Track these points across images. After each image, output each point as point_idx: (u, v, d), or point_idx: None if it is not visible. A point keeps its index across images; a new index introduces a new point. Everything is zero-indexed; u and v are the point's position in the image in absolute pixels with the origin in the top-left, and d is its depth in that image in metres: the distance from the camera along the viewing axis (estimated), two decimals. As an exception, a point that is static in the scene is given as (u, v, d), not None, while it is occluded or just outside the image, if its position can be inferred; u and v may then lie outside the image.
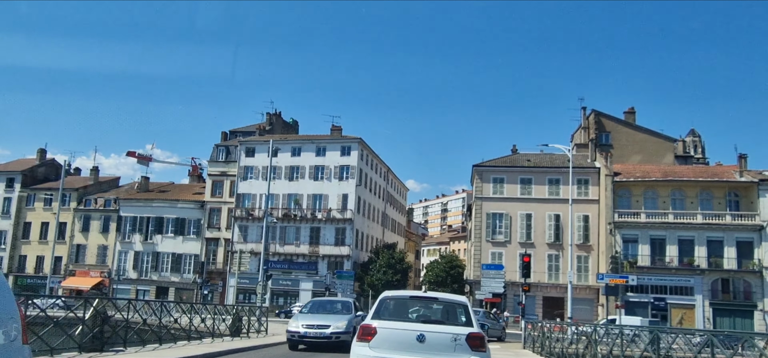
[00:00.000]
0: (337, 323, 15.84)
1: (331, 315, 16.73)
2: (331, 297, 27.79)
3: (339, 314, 16.81)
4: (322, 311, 17.27)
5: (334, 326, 15.75)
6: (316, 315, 16.74)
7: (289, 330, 16.15)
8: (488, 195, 53.60)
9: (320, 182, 57.13)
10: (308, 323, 16.00)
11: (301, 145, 58.84)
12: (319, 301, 19.32)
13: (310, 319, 16.33)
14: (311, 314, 17.01)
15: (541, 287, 51.31)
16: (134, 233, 62.48)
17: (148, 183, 67.70)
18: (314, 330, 15.67)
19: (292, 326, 16.15)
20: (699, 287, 45.43)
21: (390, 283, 53.51)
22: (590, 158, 54.19)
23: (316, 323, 15.86)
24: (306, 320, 16.24)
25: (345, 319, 16.24)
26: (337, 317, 16.39)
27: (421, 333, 7.31)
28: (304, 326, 15.86)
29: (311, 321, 16.08)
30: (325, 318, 16.29)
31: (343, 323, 15.92)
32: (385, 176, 68.20)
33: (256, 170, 59.18)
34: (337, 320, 16.16)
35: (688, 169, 50.73)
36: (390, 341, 7.33)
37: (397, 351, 7.23)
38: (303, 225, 56.75)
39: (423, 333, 7.32)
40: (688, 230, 46.30)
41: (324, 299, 22.44)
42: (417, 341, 7.26)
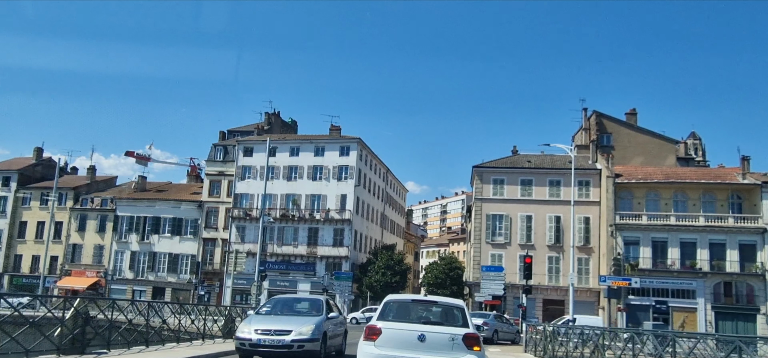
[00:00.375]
0: (301, 328, 12.22)
1: (296, 317, 13.20)
2: (300, 294, 24.06)
3: (305, 316, 13.29)
4: (285, 312, 13.61)
5: (297, 331, 12.10)
6: (275, 317, 13.10)
7: (239, 337, 12.44)
8: (488, 196, 53.06)
9: (319, 183, 56.60)
10: (264, 327, 12.33)
11: (300, 145, 58.32)
12: (283, 299, 15.08)
13: (266, 322, 12.63)
14: (269, 316, 13.33)
15: (541, 290, 50.75)
16: (131, 232, 61.93)
17: (145, 183, 67.15)
18: (271, 337, 12.03)
19: (243, 332, 12.41)
20: (701, 290, 44.90)
21: (389, 284, 52.96)
22: (591, 160, 53.68)
23: (273, 328, 12.22)
24: (261, 323, 12.57)
25: (312, 322, 12.59)
26: (301, 321, 12.76)
27: (421, 333, 8.15)
28: (259, 332, 12.17)
29: (268, 325, 12.40)
30: (286, 321, 12.65)
31: (308, 327, 12.30)
32: (384, 177, 67.68)
33: (254, 170, 58.63)
34: (302, 323, 12.52)
35: (691, 172, 50.22)
36: (394, 340, 8.19)
37: (400, 349, 8.08)
38: (301, 226, 56.21)
39: (423, 333, 8.16)
40: (690, 232, 45.77)
41: (289, 296, 17.68)
42: (418, 341, 8.11)
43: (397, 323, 8.39)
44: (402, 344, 8.10)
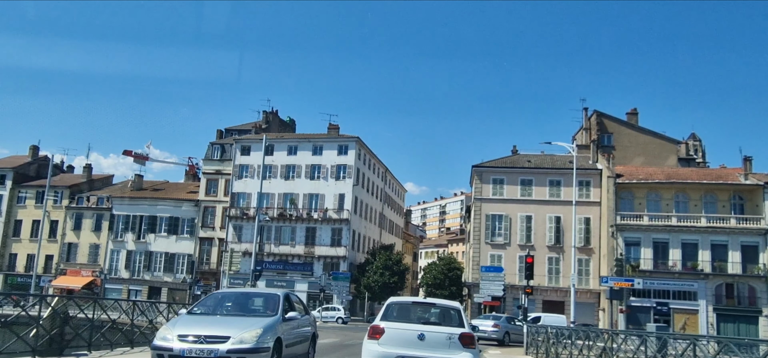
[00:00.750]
0: (243, 333, 8.89)
1: (239, 318, 9.76)
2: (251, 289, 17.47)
3: (252, 317, 9.89)
4: (227, 311, 10.26)
5: (237, 337, 8.82)
6: (210, 319, 9.73)
7: (156, 346, 9.03)
8: (488, 196, 52.54)
9: (317, 182, 56.06)
10: (192, 332, 8.99)
11: (298, 144, 57.79)
12: (225, 294, 11.51)
13: (196, 325, 9.27)
14: (203, 317, 9.89)
15: (540, 291, 50.21)
16: (127, 231, 61.37)
17: (141, 181, 66.57)
18: (199, 346, 8.75)
19: (162, 338, 9.07)
20: (702, 291, 44.40)
21: (387, 285, 52.43)
22: (592, 160, 53.20)
23: (204, 334, 8.88)
24: (189, 327, 9.21)
25: (259, 325, 9.27)
26: (246, 323, 9.37)
27: (421, 333, 8.82)
28: (184, 339, 8.88)
29: (197, 329, 9.06)
30: (224, 324, 9.41)
31: (253, 332, 8.99)
32: (383, 177, 67.16)
33: (251, 169, 58.08)
34: (246, 326, 9.16)
35: (692, 172, 49.73)
36: (396, 339, 8.86)
37: (402, 347, 8.74)
38: (298, 225, 55.67)
39: (423, 333, 8.83)
40: (691, 233, 45.27)
41: (233, 291, 13.57)
42: (418, 339, 8.78)
43: (399, 323, 9.12)
44: (403, 342, 8.81)
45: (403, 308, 9.79)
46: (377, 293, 52.68)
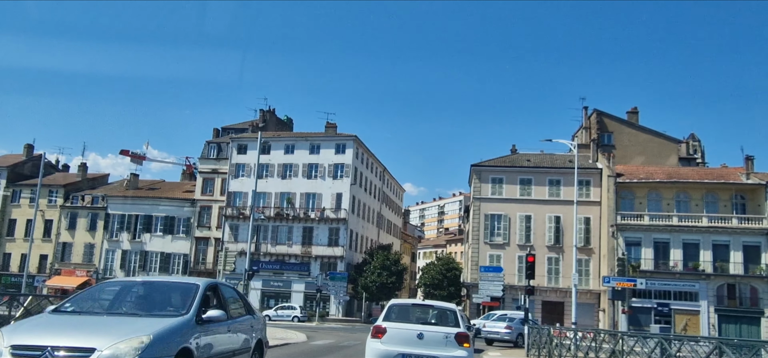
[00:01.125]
0: (118, 343, 5.71)
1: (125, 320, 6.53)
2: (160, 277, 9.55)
3: (147, 318, 6.51)
4: (111, 308, 7.05)
5: (106, 350, 5.64)
6: (79, 319, 6.56)
7: None
8: (486, 196, 52.01)
9: (314, 181, 55.47)
10: (34, 341, 5.86)
11: (295, 143, 57.20)
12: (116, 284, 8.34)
13: (47, 331, 6.09)
14: (72, 316, 6.69)
15: (540, 291, 49.64)
16: (122, 231, 60.74)
17: (137, 180, 65.89)
18: None
19: None
20: (704, 292, 43.89)
21: (384, 285, 51.86)
22: (592, 159, 52.69)
23: (52, 344, 5.72)
24: (33, 333, 6.09)
25: (150, 330, 5.99)
26: (130, 327, 6.08)
27: (420, 332, 9.40)
28: (17, 350, 5.79)
29: (44, 338, 5.88)
30: (95, 329, 6.12)
31: (135, 341, 5.75)
32: (380, 176, 66.59)
33: (247, 168, 57.47)
34: (127, 333, 5.89)
35: (693, 171, 49.22)
36: (397, 337, 9.44)
37: (403, 345, 9.32)
38: (295, 225, 55.06)
39: (422, 332, 9.40)
40: (693, 233, 44.76)
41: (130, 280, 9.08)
42: (417, 338, 9.34)
43: (400, 324, 9.70)
44: (404, 341, 9.38)
45: (403, 309, 10.37)
46: (375, 294, 52.09)
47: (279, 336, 20.94)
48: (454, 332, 9.42)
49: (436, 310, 10.38)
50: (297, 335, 21.99)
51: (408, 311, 10.32)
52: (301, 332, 25.58)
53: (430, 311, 10.35)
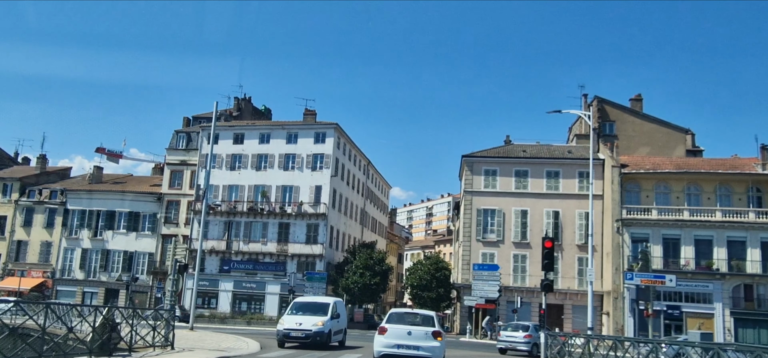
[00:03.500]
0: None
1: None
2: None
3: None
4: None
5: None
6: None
7: None
8: (479, 189, 47.77)
9: (291, 173, 50.82)
10: None
11: (271, 132, 52.52)
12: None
13: None
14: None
15: (537, 293, 45.44)
16: (82, 228, 55.68)
17: (101, 174, 60.83)
18: None
19: None
20: (718, 293, 39.88)
21: (367, 287, 47.34)
22: (593, 149, 48.65)
23: None
24: None
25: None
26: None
27: (409, 330, 14.31)
28: None
29: None
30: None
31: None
32: (365, 170, 62.08)
33: (219, 159, 52.69)
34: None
35: (704, 162, 45.30)
36: (394, 334, 14.25)
37: (397, 339, 14.11)
38: (271, 220, 50.35)
39: (411, 330, 14.31)
40: (705, 228, 40.77)
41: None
42: (407, 334, 14.20)
43: (396, 324, 14.54)
44: (398, 336, 14.15)
45: (399, 315, 15.32)
46: (357, 296, 47.51)
47: (225, 345, 16.39)
48: (431, 330, 14.21)
49: (421, 316, 15.22)
50: (248, 344, 17.46)
51: (402, 316, 15.12)
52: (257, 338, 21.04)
53: (417, 316, 15.19)
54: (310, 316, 18.23)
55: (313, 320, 17.91)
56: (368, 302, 50.39)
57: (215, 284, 50.43)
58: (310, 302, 20.05)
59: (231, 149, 52.65)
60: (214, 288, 50.42)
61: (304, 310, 18.83)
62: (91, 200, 56.34)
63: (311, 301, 20.64)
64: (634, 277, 21.38)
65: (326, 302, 19.62)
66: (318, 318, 18.04)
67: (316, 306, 19.30)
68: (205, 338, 18.20)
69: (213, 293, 50.42)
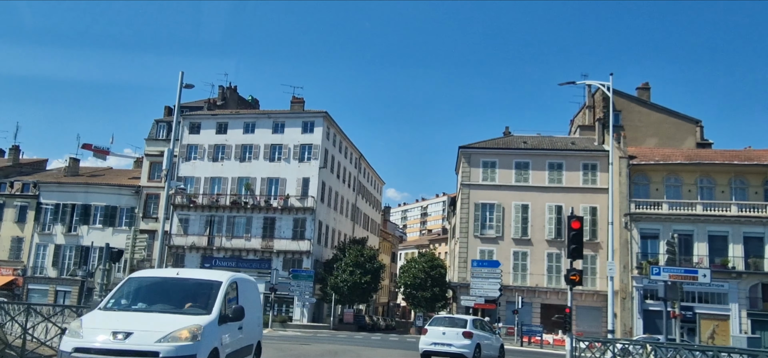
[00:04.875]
0: None
1: None
2: None
3: None
4: None
5: None
6: None
7: None
8: (477, 182, 44.92)
9: (277, 164, 47.77)
10: None
11: (256, 121, 49.45)
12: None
13: None
14: None
15: (539, 293, 42.74)
16: (56, 223, 52.41)
17: (77, 166, 57.55)
18: None
19: None
20: (734, 293, 37.15)
21: (358, 285, 44.36)
22: (597, 141, 45.96)
23: None
24: None
25: None
26: None
27: (444, 331, 17.08)
28: None
29: None
30: None
31: None
32: (356, 163, 59.08)
33: (201, 149, 49.61)
34: None
35: (716, 153, 42.59)
36: (432, 334, 17.12)
37: (434, 338, 16.87)
38: (255, 215, 47.27)
39: (445, 331, 17.08)
40: (720, 223, 38.04)
41: None
42: (442, 334, 16.94)
43: (434, 327, 17.47)
44: (435, 336, 16.93)
45: (437, 319, 18.80)
46: (346, 295, 44.50)
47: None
48: (462, 331, 16.86)
49: (454, 319, 18.71)
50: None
51: (440, 320, 18.50)
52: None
53: (451, 320, 18.63)
54: None
55: None
56: (359, 301, 47.40)
57: (196, 282, 47.27)
58: None
59: (214, 139, 49.57)
60: (196, 287, 47.26)
61: None
62: (65, 194, 53.11)
63: None
64: (661, 271, 18.51)
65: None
66: None
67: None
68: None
69: (194, 292, 47.27)
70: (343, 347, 20.17)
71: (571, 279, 12.58)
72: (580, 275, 13.01)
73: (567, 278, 12.82)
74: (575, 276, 12.66)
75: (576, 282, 12.78)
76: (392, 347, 23.03)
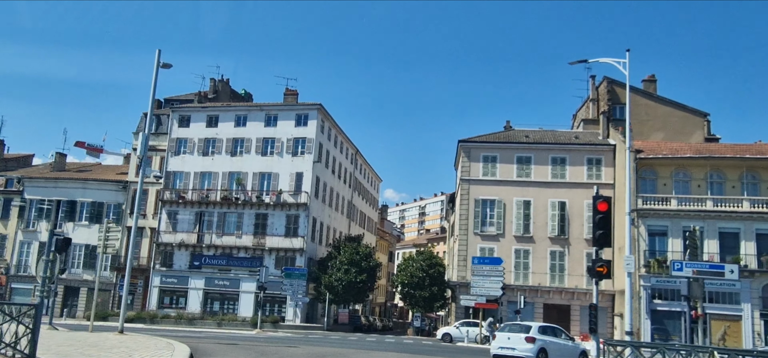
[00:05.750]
0: None
1: None
2: None
3: None
4: None
5: None
6: None
7: None
8: (477, 177, 43.24)
9: (269, 158, 46.00)
10: None
11: (247, 113, 47.66)
12: None
13: None
14: None
15: (541, 292, 41.06)
16: (40, 219, 50.63)
17: (64, 161, 55.78)
18: None
19: None
20: (746, 293, 35.44)
21: (353, 284, 42.60)
22: (602, 135, 44.30)
23: None
24: None
25: None
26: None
27: (508, 336, 19.18)
28: None
29: None
30: None
31: None
32: (352, 159, 57.32)
33: (190, 143, 47.82)
34: None
35: (726, 147, 40.90)
36: (499, 339, 19.50)
37: (501, 343, 19.15)
38: (246, 211, 45.50)
39: (509, 336, 19.14)
40: (731, 220, 36.38)
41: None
42: (507, 339, 19.00)
43: (501, 333, 19.94)
44: (502, 341, 19.16)
45: (506, 326, 21.41)
46: (341, 295, 42.73)
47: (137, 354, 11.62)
48: (524, 336, 18.58)
49: (520, 325, 20.35)
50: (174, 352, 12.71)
51: (506, 327, 20.67)
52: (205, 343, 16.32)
53: (518, 325, 20.55)
54: None
55: None
56: (354, 301, 45.61)
57: (184, 281, 45.56)
58: None
59: (204, 133, 47.80)
60: (184, 286, 45.55)
61: None
62: (51, 189, 51.34)
63: None
64: (683, 267, 16.78)
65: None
66: None
67: None
68: (114, 345, 13.46)
69: (182, 291, 45.56)
70: (333, 350, 18.42)
71: (597, 271, 10.79)
72: (608, 266, 11.16)
73: (593, 270, 11.02)
74: (602, 268, 10.88)
75: (603, 275, 10.97)
76: (387, 349, 21.28)
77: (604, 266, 10.81)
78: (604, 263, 10.79)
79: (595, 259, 11.42)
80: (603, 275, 11.07)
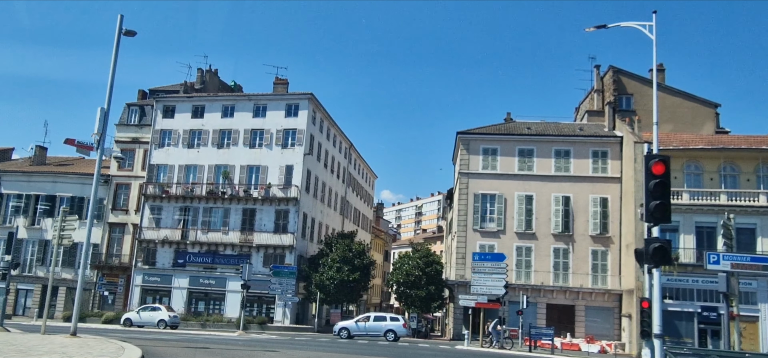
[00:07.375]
0: None
1: None
2: None
3: None
4: None
5: None
6: None
7: None
8: (477, 171, 41.09)
9: (258, 150, 43.71)
10: None
11: (235, 104, 45.35)
12: None
13: None
14: None
15: (544, 292, 38.94)
16: (18, 215, 48.19)
17: (44, 155, 53.30)
18: None
19: None
20: (764, 292, 33.45)
21: (345, 283, 40.32)
22: (608, 126, 42.18)
23: None
24: None
25: None
26: None
27: None
28: None
29: None
30: None
31: None
32: (346, 153, 55.05)
33: (175, 135, 45.48)
34: None
35: (740, 138, 38.85)
36: None
37: None
38: (233, 206, 43.19)
39: None
40: (747, 214, 34.32)
41: None
42: None
43: None
44: None
45: None
46: (333, 294, 40.45)
47: None
48: None
49: None
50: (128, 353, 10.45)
51: None
52: (151, 345, 14.05)
53: None
54: None
55: None
56: (347, 301, 43.31)
57: (168, 280, 43.21)
58: None
59: (189, 124, 45.48)
60: (167, 285, 43.21)
61: None
62: (29, 184, 48.94)
63: None
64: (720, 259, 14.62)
65: None
66: None
67: None
68: (54, 350, 11.19)
69: (165, 290, 43.21)
70: (317, 354, 16.13)
71: (653, 255, 8.24)
72: (668, 249, 8.60)
73: (646, 255, 8.48)
74: (660, 251, 8.33)
75: (664, 260, 8.37)
76: (379, 353, 19.00)
77: (662, 248, 8.30)
78: (662, 245, 8.30)
79: (649, 238, 9.08)
80: (664, 261, 8.58)
